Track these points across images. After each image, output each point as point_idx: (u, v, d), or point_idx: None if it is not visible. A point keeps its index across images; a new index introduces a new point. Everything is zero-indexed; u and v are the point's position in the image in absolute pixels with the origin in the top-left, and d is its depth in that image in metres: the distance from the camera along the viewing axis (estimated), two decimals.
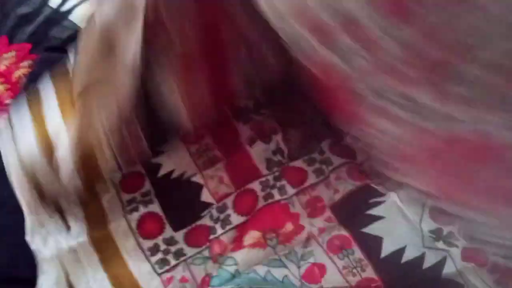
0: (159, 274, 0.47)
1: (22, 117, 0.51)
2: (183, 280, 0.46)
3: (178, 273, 0.47)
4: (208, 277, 0.46)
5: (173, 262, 0.48)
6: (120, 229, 0.49)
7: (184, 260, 0.48)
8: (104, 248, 0.48)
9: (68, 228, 0.49)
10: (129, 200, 0.51)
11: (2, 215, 0.51)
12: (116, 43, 0.42)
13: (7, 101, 0.60)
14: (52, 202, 0.48)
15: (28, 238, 0.48)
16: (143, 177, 0.52)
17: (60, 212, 0.49)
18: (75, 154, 0.45)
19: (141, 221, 0.50)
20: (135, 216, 0.50)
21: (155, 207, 0.50)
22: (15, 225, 0.49)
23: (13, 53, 0.64)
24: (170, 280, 0.46)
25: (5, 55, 0.64)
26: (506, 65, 0.28)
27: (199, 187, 0.52)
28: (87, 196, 0.49)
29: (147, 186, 0.52)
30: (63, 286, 0.46)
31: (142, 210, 0.50)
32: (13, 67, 0.63)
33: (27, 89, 0.57)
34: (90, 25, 0.45)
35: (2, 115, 0.59)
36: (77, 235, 0.48)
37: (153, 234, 0.49)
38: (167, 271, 0.47)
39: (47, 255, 0.47)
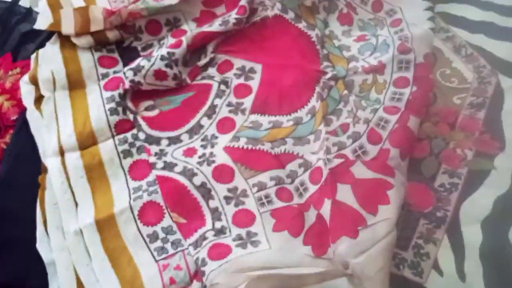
0: (157, 261, 0.49)
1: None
2: (177, 268, 0.49)
3: (174, 261, 0.49)
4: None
5: (171, 251, 0.50)
6: (124, 215, 0.52)
7: (182, 251, 0.50)
8: (107, 231, 0.51)
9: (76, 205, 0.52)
10: (135, 187, 0.54)
11: (14, 227, 0.53)
12: None
13: (13, 118, 0.62)
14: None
15: (38, 246, 0.51)
16: (150, 166, 0.55)
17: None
18: None
19: (142, 209, 0.52)
20: (138, 203, 0.52)
21: (158, 197, 0.52)
22: (27, 237, 0.51)
23: (17, 70, 0.66)
24: (165, 267, 0.49)
25: (10, 72, 0.66)
26: None
27: None
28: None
29: (153, 175, 0.54)
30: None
31: (146, 198, 0.53)
32: (18, 84, 0.65)
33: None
34: None
35: (10, 131, 0.62)
36: (85, 217, 0.51)
37: (151, 222, 0.52)
38: (164, 258, 0.49)
39: (56, 256, 0.50)
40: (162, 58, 0.60)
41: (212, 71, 0.62)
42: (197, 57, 0.62)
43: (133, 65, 0.60)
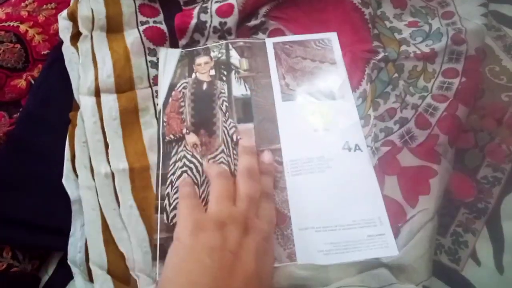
0: None
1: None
2: None
3: None
4: None
5: None
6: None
7: None
8: (138, 181, 0.49)
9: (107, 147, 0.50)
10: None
11: (41, 162, 0.50)
12: None
13: (44, 52, 0.59)
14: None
15: (64, 181, 0.48)
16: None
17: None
18: None
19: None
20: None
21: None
22: (53, 173, 0.49)
23: (52, 5, 0.63)
24: None
25: (44, 6, 0.63)
26: None
27: None
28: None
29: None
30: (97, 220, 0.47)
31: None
32: (52, 19, 0.62)
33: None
34: None
35: (38, 65, 0.59)
36: (117, 161, 0.49)
37: None
38: None
39: (82, 194, 0.48)
40: (215, 30, 0.58)
41: (263, 36, 0.60)
42: (248, 19, 0.60)
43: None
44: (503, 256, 0.47)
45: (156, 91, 0.55)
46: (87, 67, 0.54)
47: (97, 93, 0.53)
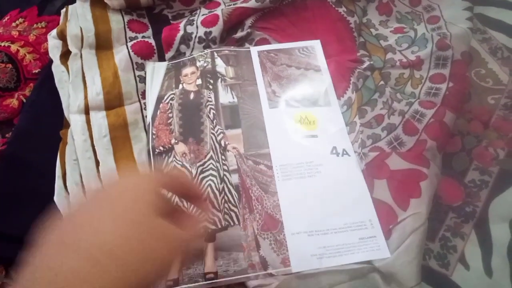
0: None
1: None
2: None
3: None
4: None
5: None
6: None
7: None
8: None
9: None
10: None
11: (32, 179, 0.51)
12: None
13: (35, 71, 0.60)
14: None
15: (55, 199, 0.49)
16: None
17: None
18: None
19: None
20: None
21: None
22: (44, 190, 0.50)
23: (43, 24, 0.64)
24: None
25: (35, 25, 0.64)
26: None
27: None
28: None
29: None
30: None
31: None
32: (42, 38, 0.63)
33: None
34: None
35: (30, 84, 0.60)
36: (107, 178, 0.51)
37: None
38: None
39: None
40: (200, 40, 0.59)
41: (247, 46, 0.61)
42: (234, 31, 0.61)
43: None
44: (491, 259, 0.47)
45: (144, 104, 0.56)
46: (77, 86, 0.55)
47: (86, 111, 0.54)
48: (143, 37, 0.61)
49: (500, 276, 0.46)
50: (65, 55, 0.58)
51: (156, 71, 0.58)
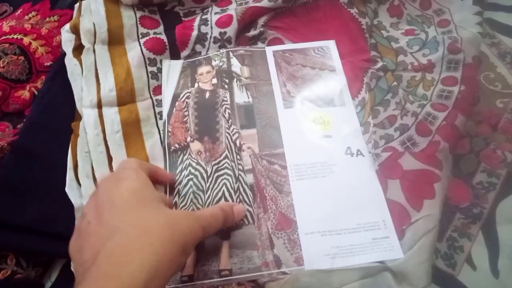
0: None
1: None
2: None
3: None
4: None
5: None
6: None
7: None
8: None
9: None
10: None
11: (44, 170, 0.51)
12: None
13: (47, 64, 0.60)
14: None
15: (67, 189, 0.50)
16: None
17: None
18: None
19: None
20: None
21: None
22: (56, 181, 0.50)
23: (55, 18, 0.64)
24: None
25: (47, 19, 0.64)
26: None
27: None
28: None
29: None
30: None
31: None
32: (54, 32, 0.63)
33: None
34: None
35: (41, 76, 0.60)
36: None
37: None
38: None
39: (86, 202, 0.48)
40: (215, 40, 0.60)
41: (262, 46, 0.61)
42: (247, 29, 0.61)
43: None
44: (498, 260, 0.48)
45: (156, 101, 0.57)
46: (90, 82, 0.55)
47: (99, 105, 0.54)
48: (154, 33, 0.61)
49: (507, 277, 0.46)
50: (78, 48, 0.59)
51: (171, 69, 0.59)
